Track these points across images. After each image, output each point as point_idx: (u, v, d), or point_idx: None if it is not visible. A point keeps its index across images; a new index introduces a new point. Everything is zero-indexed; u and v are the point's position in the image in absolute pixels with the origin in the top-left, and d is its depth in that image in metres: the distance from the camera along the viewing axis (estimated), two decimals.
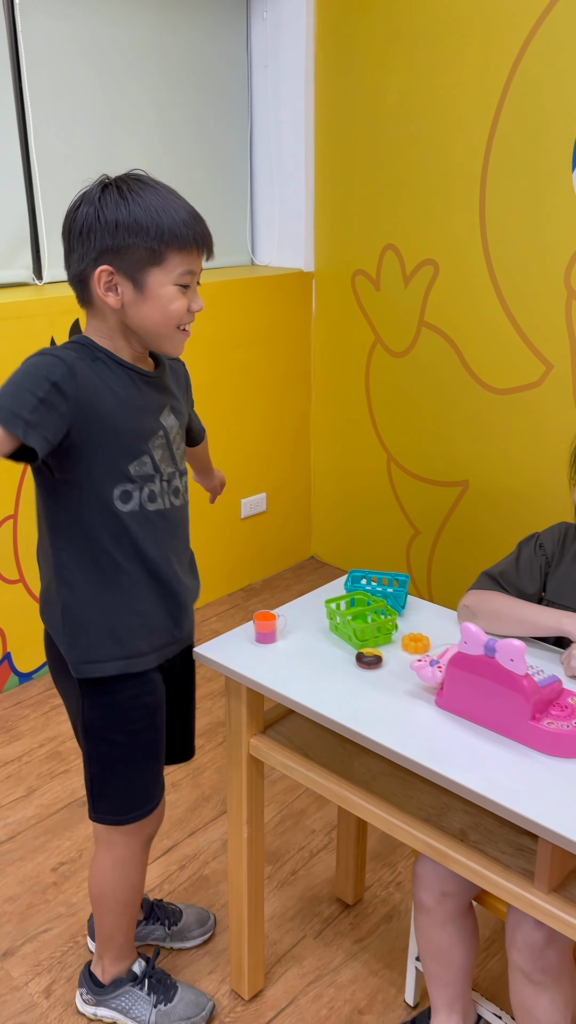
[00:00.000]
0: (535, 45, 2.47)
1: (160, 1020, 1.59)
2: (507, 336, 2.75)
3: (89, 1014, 1.64)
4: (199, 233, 1.30)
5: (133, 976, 1.61)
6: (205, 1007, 1.63)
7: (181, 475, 1.45)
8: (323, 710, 1.31)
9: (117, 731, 1.44)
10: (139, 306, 1.29)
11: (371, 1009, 1.67)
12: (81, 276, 1.30)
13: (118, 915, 1.56)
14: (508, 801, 1.12)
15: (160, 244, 1.26)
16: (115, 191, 1.27)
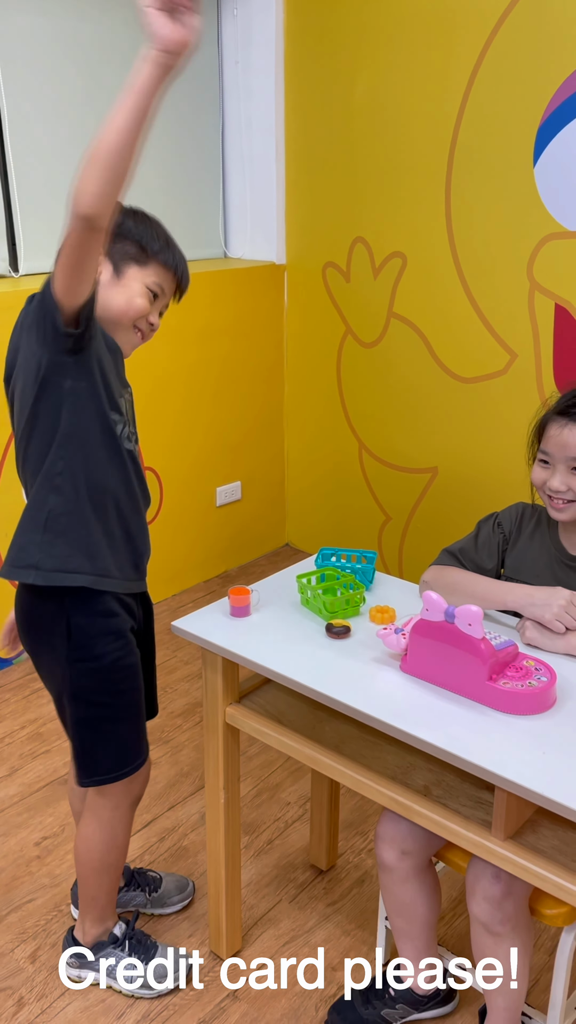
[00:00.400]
0: (496, 44, 2.55)
1: (154, 974, 1.67)
2: (473, 326, 2.83)
3: (75, 977, 1.71)
4: (183, 269, 1.51)
5: (114, 939, 1.69)
6: (184, 962, 1.71)
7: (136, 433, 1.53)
8: (296, 676, 1.38)
9: (104, 693, 1.51)
10: (110, 288, 1.43)
11: (343, 966, 1.75)
12: None
13: (102, 875, 1.63)
14: (467, 754, 1.20)
15: (150, 252, 1.45)
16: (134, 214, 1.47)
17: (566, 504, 1.52)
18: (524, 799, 1.23)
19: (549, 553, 1.60)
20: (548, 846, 1.24)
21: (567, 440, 1.49)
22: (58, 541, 1.42)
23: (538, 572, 1.60)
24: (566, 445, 1.49)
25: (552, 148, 2.52)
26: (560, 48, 2.42)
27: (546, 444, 1.53)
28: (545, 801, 1.13)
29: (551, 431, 1.53)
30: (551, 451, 1.52)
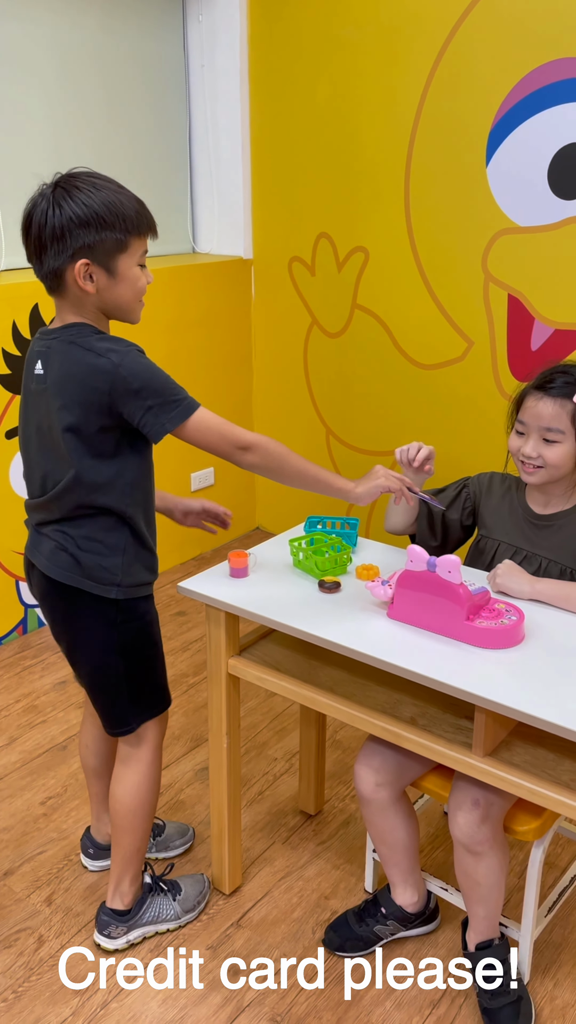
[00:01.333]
0: (451, 50, 2.75)
1: (184, 907, 1.83)
2: (432, 316, 3.03)
3: (122, 945, 1.78)
4: (149, 219, 1.52)
5: (149, 887, 1.82)
6: (204, 881, 1.89)
7: None
8: (294, 623, 1.55)
9: (148, 645, 1.68)
10: (112, 288, 1.51)
11: (335, 895, 1.93)
12: (57, 271, 1.48)
13: (148, 822, 1.75)
14: (450, 680, 1.38)
15: (125, 234, 1.47)
16: (74, 190, 1.45)
17: (535, 469, 1.70)
18: (500, 720, 1.42)
19: (517, 513, 1.80)
20: (521, 761, 1.43)
21: (540, 411, 1.68)
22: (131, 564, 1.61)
23: (508, 530, 1.80)
24: (539, 415, 1.68)
25: (503, 149, 2.72)
26: (510, 55, 2.62)
27: (523, 415, 1.72)
28: (518, 714, 1.32)
29: (528, 403, 1.71)
30: (526, 420, 1.70)
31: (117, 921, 1.78)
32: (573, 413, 1.65)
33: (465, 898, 1.65)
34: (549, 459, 1.68)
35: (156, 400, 1.48)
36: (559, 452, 1.67)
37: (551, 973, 1.75)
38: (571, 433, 1.66)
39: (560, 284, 2.71)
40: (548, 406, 1.66)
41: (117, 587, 1.59)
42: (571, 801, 1.35)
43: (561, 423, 1.66)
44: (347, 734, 2.48)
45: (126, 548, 1.60)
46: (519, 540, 1.76)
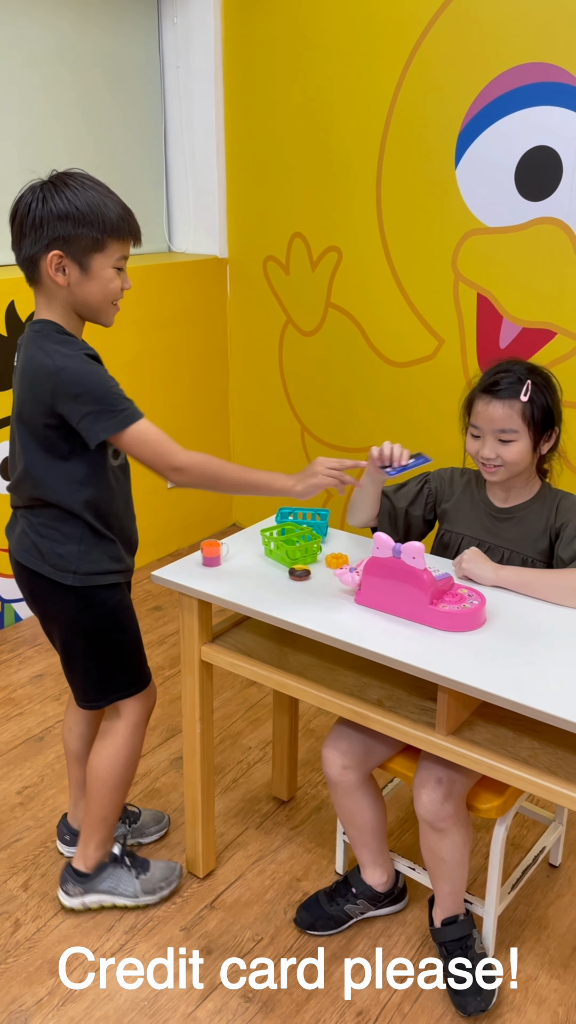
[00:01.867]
0: (420, 55, 2.81)
1: (144, 887, 1.87)
2: (404, 315, 3.09)
3: (77, 905, 1.86)
4: (132, 226, 1.58)
5: (114, 857, 1.87)
6: (175, 869, 1.93)
7: None
8: (266, 610, 1.60)
9: (115, 630, 1.72)
10: (84, 285, 1.56)
11: (307, 877, 1.98)
12: (32, 259, 1.54)
13: (117, 792, 1.81)
14: (415, 661, 1.44)
15: (103, 234, 1.52)
16: (62, 187, 1.51)
17: (496, 468, 1.75)
18: (462, 700, 1.48)
19: (479, 507, 1.85)
20: (483, 739, 1.49)
21: (492, 415, 1.72)
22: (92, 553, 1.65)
23: (469, 523, 1.85)
24: (492, 419, 1.72)
25: (472, 151, 2.78)
26: (479, 59, 2.69)
27: (475, 419, 1.76)
28: (479, 693, 1.37)
29: (478, 407, 1.76)
30: (480, 425, 1.75)
31: (75, 880, 1.85)
32: (522, 411, 1.70)
33: (431, 875, 1.71)
34: (507, 458, 1.72)
35: (94, 408, 1.51)
36: (516, 450, 1.72)
37: (515, 948, 1.80)
38: (524, 431, 1.71)
39: (527, 284, 2.78)
40: (498, 408, 1.71)
41: (73, 574, 1.64)
42: (529, 776, 1.40)
43: (513, 423, 1.70)
44: (320, 723, 2.53)
45: (82, 538, 1.64)
46: (481, 533, 1.82)
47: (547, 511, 1.78)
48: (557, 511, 1.77)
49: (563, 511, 1.76)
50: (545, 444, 1.77)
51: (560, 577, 1.64)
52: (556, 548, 1.75)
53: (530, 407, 1.71)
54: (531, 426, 1.71)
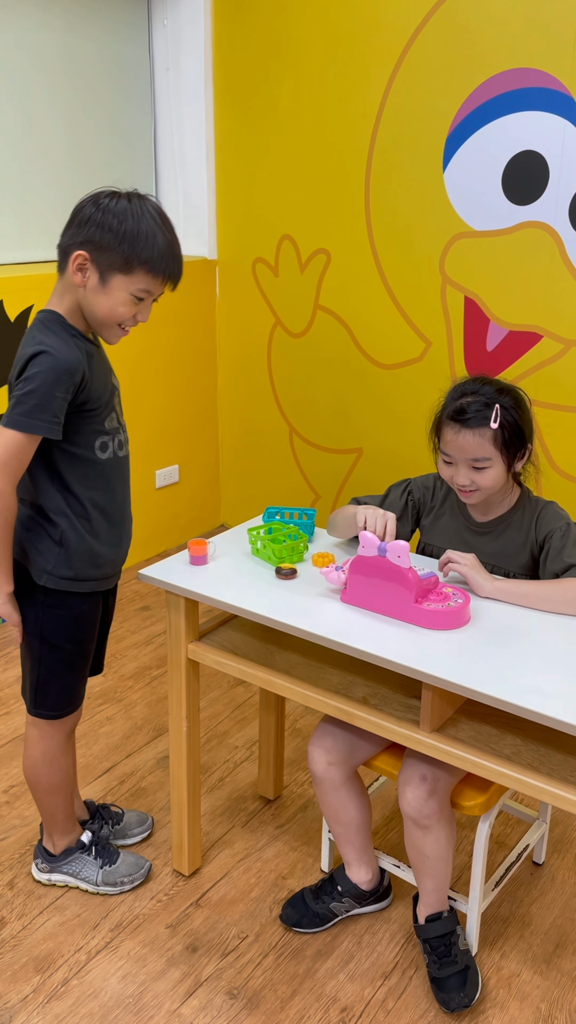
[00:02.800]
0: (409, 60, 2.83)
1: (106, 879, 1.90)
2: (392, 317, 3.11)
3: (44, 880, 1.93)
4: (172, 271, 1.56)
5: (82, 845, 1.90)
6: (143, 866, 1.94)
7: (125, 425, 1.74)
8: (252, 608, 1.61)
9: (69, 640, 1.72)
10: (95, 295, 1.55)
11: (292, 875, 1.99)
12: (65, 249, 1.56)
13: (54, 795, 1.84)
14: (400, 659, 1.45)
15: (135, 261, 1.51)
16: (125, 201, 1.52)
17: (471, 492, 1.74)
18: (446, 698, 1.49)
19: (458, 521, 1.85)
20: (466, 736, 1.50)
21: (463, 444, 1.69)
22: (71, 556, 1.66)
23: (449, 537, 1.85)
24: (463, 448, 1.69)
25: (459, 156, 2.81)
26: (467, 64, 2.71)
27: (445, 447, 1.74)
28: (462, 690, 1.39)
29: (447, 435, 1.73)
30: (451, 453, 1.72)
31: (43, 857, 1.93)
32: (493, 438, 1.67)
33: (415, 871, 1.72)
34: (482, 484, 1.71)
35: (20, 394, 1.52)
36: (491, 476, 1.70)
37: (498, 945, 1.82)
38: (497, 456, 1.69)
39: (514, 287, 2.80)
40: (468, 438, 1.68)
41: (48, 575, 1.65)
42: (512, 773, 1.42)
43: (485, 451, 1.68)
44: (307, 723, 2.54)
45: (62, 540, 1.64)
46: (461, 547, 1.80)
47: (527, 523, 1.76)
48: (537, 523, 1.75)
49: (544, 522, 1.74)
50: (519, 462, 1.74)
51: (556, 589, 1.62)
52: (543, 560, 1.72)
53: (501, 433, 1.68)
54: (504, 450, 1.69)
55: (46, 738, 1.80)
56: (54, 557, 1.65)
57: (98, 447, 1.64)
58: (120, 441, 1.69)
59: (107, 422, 1.65)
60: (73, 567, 1.66)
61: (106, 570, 1.72)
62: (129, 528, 1.78)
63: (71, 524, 1.64)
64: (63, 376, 1.52)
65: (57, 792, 1.84)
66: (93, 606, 1.74)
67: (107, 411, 1.65)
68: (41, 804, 1.87)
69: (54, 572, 1.65)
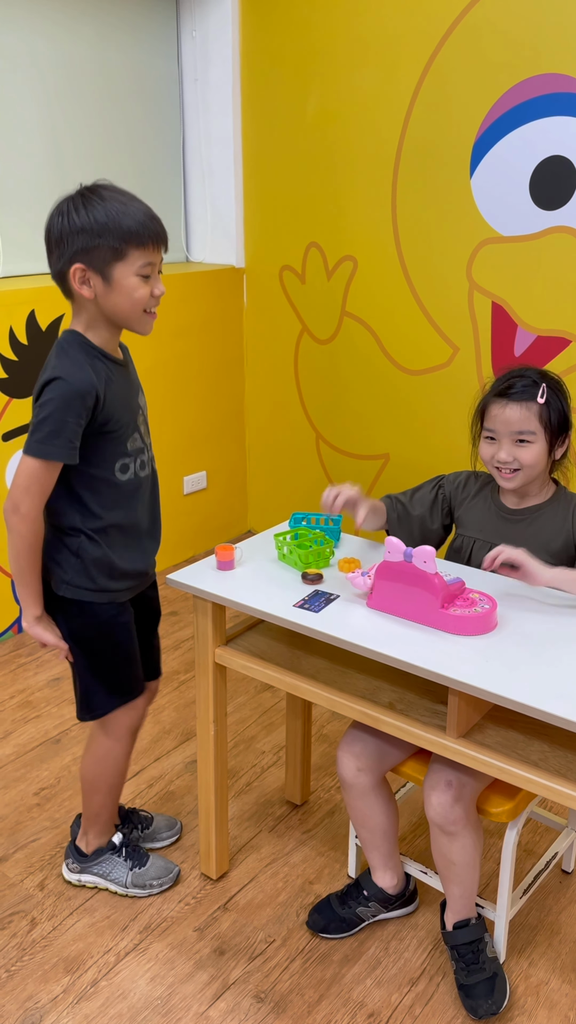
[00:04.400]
0: (436, 67, 2.84)
1: (135, 881, 1.92)
2: (419, 323, 3.11)
3: (74, 880, 1.95)
4: (155, 231, 1.56)
5: (112, 846, 1.93)
6: (172, 871, 1.95)
7: (151, 444, 1.77)
8: (279, 613, 1.62)
9: (102, 644, 1.74)
10: (109, 296, 1.57)
11: (319, 880, 1.99)
12: (60, 274, 1.58)
13: (105, 795, 1.87)
14: (426, 664, 1.45)
15: (121, 243, 1.52)
16: (81, 200, 1.54)
17: (512, 473, 1.76)
18: (473, 703, 1.49)
19: (491, 509, 1.86)
20: (493, 742, 1.50)
21: (509, 417, 1.74)
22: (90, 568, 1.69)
23: (482, 526, 1.87)
24: (508, 421, 1.74)
25: (487, 161, 2.81)
26: (494, 70, 2.71)
27: (490, 423, 1.77)
28: (489, 695, 1.38)
29: (493, 410, 1.77)
30: (496, 428, 1.76)
31: (75, 857, 1.95)
32: (539, 413, 1.72)
33: (442, 878, 1.71)
34: (524, 460, 1.74)
35: (33, 425, 1.56)
36: (533, 452, 1.74)
37: (527, 953, 1.81)
38: (541, 433, 1.73)
39: (541, 292, 2.79)
40: (515, 411, 1.73)
41: (66, 585, 1.68)
42: (539, 779, 1.41)
43: (531, 424, 1.73)
44: (333, 728, 2.54)
45: (79, 552, 1.67)
46: (493, 536, 1.83)
47: (562, 512, 1.79)
48: (575, 513, 1.78)
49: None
50: (559, 449, 1.78)
51: None
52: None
53: (547, 409, 1.73)
54: (548, 428, 1.73)
55: (108, 737, 1.82)
56: (72, 568, 1.67)
57: (118, 469, 1.65)
58: (143, 462, 1.70)
59: (129, 443, 1.66)
60: (92, 577, 1.68)
61: (127, 582, 1.74)
62: (152, 543, 1.79)
63: (88, 539, 1.66)
64: (74, 401, 1.54)
65: (111, 791, 1.88)
66: (121, 610, 1.76)
67: (129, 432, 1.65)
68: (91, 802, 1.89)
69: (72, 582, 1.68)
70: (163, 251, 1.61)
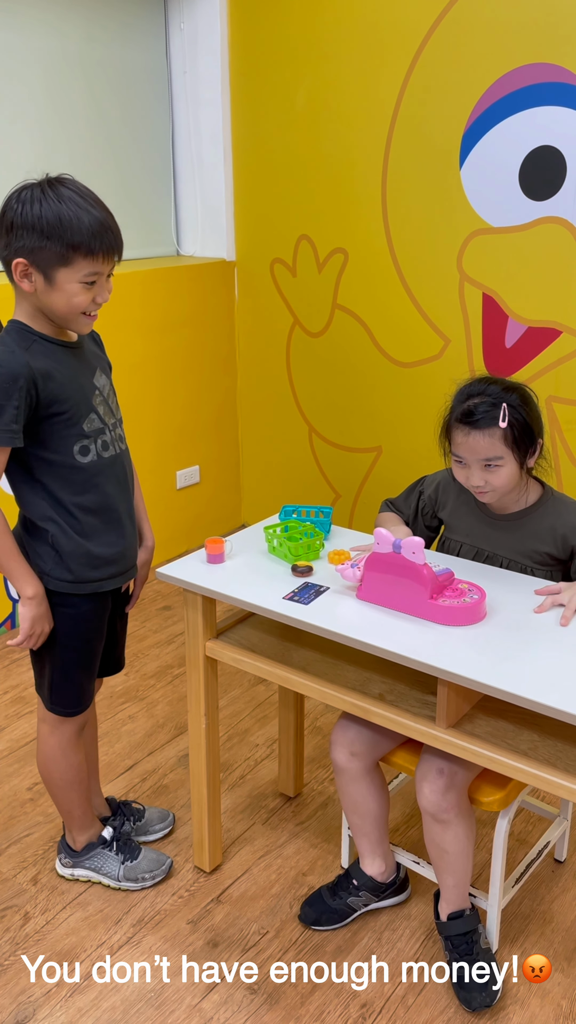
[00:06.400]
0: (424, 58, 2.83)
1: (127, 874, 1.92)
2: (410, 315, 3.10)
3: (67, 875, 1.96)
4: (106, 243, 1.51)
5: (103, 840, 1.93)
6: (164, 863, 1.95)
7: (120, 423, 1.75)
8: (269, 606, 1.62)
9: (79, 638, 1.73)
10: (48, 295, 1.53)
11: (312, 871, 1.99)
12: (5, 260, 1.55)
13: (68, 791, 1.86)
14: (416, 655, 1.45)
15: (68, 250, 1.48)
16: (39, 193, 1.49)
17: (486, 492, 1.75)
18: (463, 693, 1.49)
19: (475, 514, 1.85)
20: (483, 732, 1.50)
21: (473, 445, 1.70)
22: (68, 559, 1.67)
23: (468, 530, 1.86)
24: (474, 449, 1.70)
25: (476, 152, 2.80)
26: (483, 60, 2.71)
27: (457, 449, 1.74)
28: (478, 685, 1.39)
29: (457, 438, 1.73)
30: (463, 455, 1.73)
31: (66, 852, 1.96)
32: (503, 437, 1.68)
33: (435, 868, 1.72)
34: (496, 484, 1.72)
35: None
36: (504, 475, 1.71)
37: (519, 943, 1.82)
38: (509, 455, 1.69)
39: (532, 283, 2.79)
40: (479, 439, 1.69)
41: (47, 576, 1.67)
42: (529, 768, 1.42)
43: (496, 451, 1.69)
44: (326, 721, 2.55)
45: (54, 543, 1.65)
46: (479, 541, 1.82)
47: (551, 518, 1.76)
48: (563, 519, 1.75)
49: (571, 519, 1.74)
50: (531, 459, 1.75)
51: None
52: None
53: (510, 431, 1.68)
54: (515, 449, 1.69)
55: (57, 734, 1.82)
56: (51, 560, 1.66)
57: (77, 451, 1.62)
58: (105, 442, 1.66)
59: (86, 424, 1.62)
60: (71, 570, 1.66)
61: (108, 570, 1.70)
62: (129, 525, 1.75)
63: (60, 528, 1.64)
64: (7, 385, 1.50)
65: (72, 788, 1.87)
66: (100, 605, 1.74)
67: (84, 413, 1.61)
68: (57, 800, 1.89)
69: (52, 574, 1.66)
70: (116, 259, 1.57)
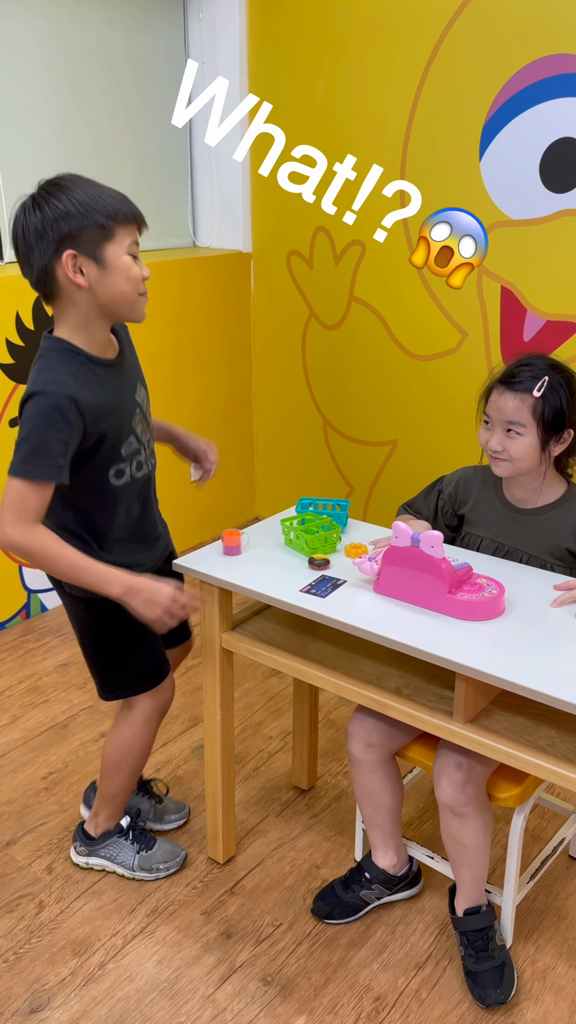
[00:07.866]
0: (443, 51, 2.80)
1: (142, 864, 1.93)
2: (427, 308, 3.09)
3: (82, 863, 1.97)
4: (132, 209, 1.53)
5: (120, 829, 1.94)
6: (179, 855, 1.96)
7: (152, 435, 1.75)
8: (285, 598, 1.61)
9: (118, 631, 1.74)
10: (104, 280, 1.51)
11: (326, 864, 2.00)
12: (46, 269, 1.50)
13: (125, 778, 1.87)
14: (433, 649, 1.44)
15: (108, 220, 1.48)
16: (54, 191, 1.49)
17: (501, 461, 1.75)
18: (480, 688, 1.49)
19: (496, 507, 1.84)
20: (500, 728, 1.49)
21: (502, 405, 1.71)
22: None
23: (489, 524, 1.85)
24: (501, 409, 1.71)
25: (496, 144, 2.78)
26: (503, 51, 2.68)
27: (488, 408, 1.76)
28: (496, 680, 1.38)
29: (492, 397, 1.75)
30: (491, 414, 1.74)
31: (82, 840, 1.96)
32: (533, 407, 1.68)
33: (452, 862, 1.71)
34: (512, 452, 1.71)
35: (16, 444, 1.51)
36: (521, 445, 1.70)
37: (533, 938, 1.81)
38: (532, 426, 1.69)
39: (551, 276, 2.77)
40: (510, 400, 1.70)
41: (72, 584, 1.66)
42: (547, 764, 1.41)
43: (522, 416, 1.69)
44: (341, 714, 2.54)
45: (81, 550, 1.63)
46: (500, 535, 1.81)
47: (574, 513, 1.76)
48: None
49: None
50: (557, 446, 1.74)
51: None
52: None
53: (542, 403, 1.68)
54: (540, 423, 1.69)
55: (138, 718, 1.82)
56: None
57: (112, 475, 1.62)
58: (139, 462, 1.67)
59: (124, 448, 1.62)
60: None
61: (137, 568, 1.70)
62: (152, 538, 1.77)
63: (84, 543, 1.65)
64: (54, 418, 1.48)
65: (130, 775, 1.88)
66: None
67: (124, 436, 1.61)
68: (110, 784, 1.89)
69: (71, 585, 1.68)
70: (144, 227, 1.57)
